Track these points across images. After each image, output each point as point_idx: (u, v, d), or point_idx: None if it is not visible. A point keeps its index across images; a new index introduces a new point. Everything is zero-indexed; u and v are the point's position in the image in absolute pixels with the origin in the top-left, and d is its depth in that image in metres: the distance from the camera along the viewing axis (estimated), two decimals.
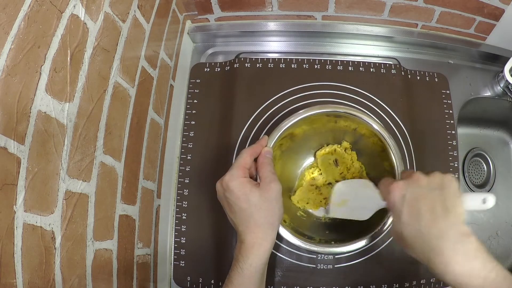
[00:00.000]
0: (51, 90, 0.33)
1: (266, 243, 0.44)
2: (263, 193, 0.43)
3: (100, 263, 0.41)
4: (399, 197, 0.41)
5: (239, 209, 0.44)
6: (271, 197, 0.44)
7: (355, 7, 0.66)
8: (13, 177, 0.29)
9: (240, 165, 0.45)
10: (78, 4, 0.36)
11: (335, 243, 0.50)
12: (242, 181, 0.44)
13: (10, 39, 0.28)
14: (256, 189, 0.44)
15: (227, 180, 0.44)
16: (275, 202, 0.44)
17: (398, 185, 0.41)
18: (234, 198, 0.43)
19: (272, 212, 0.44)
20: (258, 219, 0.43)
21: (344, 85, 0.65)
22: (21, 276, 0.30)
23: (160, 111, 0.59)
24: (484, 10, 0.63)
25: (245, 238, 0.43)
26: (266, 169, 0.46)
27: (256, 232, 0.43)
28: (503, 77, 0.66)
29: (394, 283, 0.57)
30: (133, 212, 0.50)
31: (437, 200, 0.39)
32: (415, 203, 0.39)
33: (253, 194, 0.43)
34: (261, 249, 0.43)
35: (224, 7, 0.67)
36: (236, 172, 0.44)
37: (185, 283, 0.58)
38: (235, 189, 0.43)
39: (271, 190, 0.44)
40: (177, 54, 0.66)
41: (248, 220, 0.43)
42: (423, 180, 0.41)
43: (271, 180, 0.44)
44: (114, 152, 0.45)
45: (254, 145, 0.48)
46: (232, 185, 0.43)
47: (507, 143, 0.82)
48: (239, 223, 0.44)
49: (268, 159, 0.47)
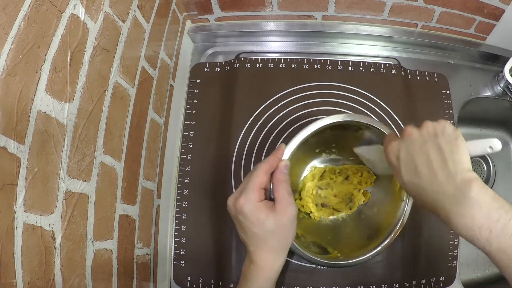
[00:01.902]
0: (51, 90, 0.33)
1: (276, 266, 0.43)
2: (278, 218, 0.41)
3: (100, 263, 0.41)
4: (395, 157, 0.39)
5: (251, 233, 0.41)
6: (287, 223, 0.41)
7: (355, 7, 0.66)
8: (13, 177, 0.29)
9: (256, 187, 0.41)
10: (78, 4, 0.36)
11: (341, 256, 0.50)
12: (258, 206, 0.41)
13: (10, 39, 0.28)
14: (271, 214, 0.41)
15: (242, 204, 0.40)
16: (290, 226, 0.42)
17: (392, 145, 0.40)
18: (247, 222, 0.41)
19: (287, 236, 0.42)
20: (271, 244, 0.42)
21: (344, 85, 0.65)
22: (21, 276, 0.30)
23: (160, 111, 0.59)
24: (484, 10, 0.63)
25: (256, 259, 0.42)
26: (282, 189, 0.42)
27: (268, 255, 0.42)
28: (503, 77, 0.66)
29: (394, 283, 0.57)
30: (133, 212, 0.50)
31: (432, 151, 0.37)
32: (410, 159, 0.38)
33: (269, 220, 0.40)
34: (272, 271, 0.43)
35: (224, 7, 0.67)
36: (251, 196, 0.41)
37: (185, 283, 0.58)
38: (249, 214, 0.40)
39: (288, 214, 0.41)
40: (177, 54, 0.66)
41: (261, 245, 0.42)
42: (415, 133, 0.39)
43: (288, 203, 0.41)
44: (114, 152, 0.45)
45: (270, 158, 0.44)
46: (246, 209, 0.40)
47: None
48: (249, 244, 0.42)
49: (285, 175, 0.43)
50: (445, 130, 0.38)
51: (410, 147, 0.38)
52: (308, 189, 0.58)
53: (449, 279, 0.59)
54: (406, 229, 0.58)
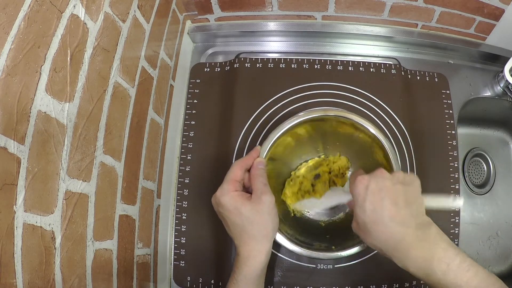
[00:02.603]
0: (51, 90, 0.33)
1: (260, 255, 0.44)
2: (254, 206, 0.44)
3: (100, 263, 0.41)
4: (363, 187, 0.41)
5: (232, 223, 0.45)
6: (263, 210, 0.44)
7: (355, 7, 0.66)
8: (13, 177, 0.29)
9: (231, 179, 0.46)
10: (78, 4, 0.36)
11: (335, 248, 0.50)
12: (233, 195, 0.44)
13: (10, 39, 0.28)
14: (247, 202, 0.44)
15: (219, 195, 0.45)
16: (267, 214, 0.44)
17: (363, 177, 0.42)
18: (226, 212, 0.44)
19: (265, 224, 0.44)
20: (251, 232, 0.44)
21: (344, 85, 0.65)
22: (21, 276, 0.30)
23: (160, 111, 0.59)
24: (484, 10, 0.63)
25: (240, 251, 0.45)
26: (258, 181, 0.46)
27: (250, 245, 0.44)
28: (503, 77, 0.66)
29: (394, 283, 0.57)
30: (133, 212, 0.50)
31: (399, 193, 0.39)
32: (378, 192, 0.40)
33: (245, 207, 0.44)
34: (256, 261, 0.44)
35: (224, 7, 0.67)
36: (226, 187, 0.45)
37: (185, 283, 0.58)
38: (226, 203, 0.44)
39: (263, 202, 0.44)
40: (177, 54, 0.66)
41: (242, 234, 0.44)
42: (387, 174, 0.41)
43: (262, 192, 0.45)
44: (114, 152, 0.45)
45: (245, 157, 0.49)
46: (224, 200, 0.44)
47: (507, 143, 0.82)
48: (234, 237, 0.46)
49: (260, 170, 0.47)
50: (414, 182, 0.41)
51: (380, 182, 0.40)
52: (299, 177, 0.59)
53: None
54: None
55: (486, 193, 0.77)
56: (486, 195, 0.77)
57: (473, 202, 0.76)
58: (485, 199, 0.77)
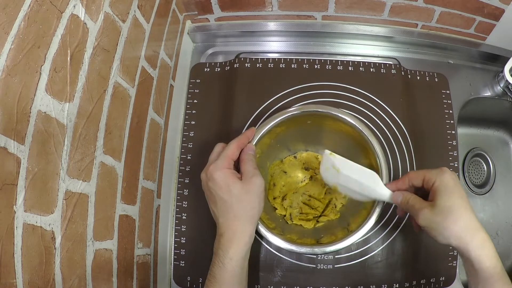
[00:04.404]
0: (51, 90, 0.33)
1: (245, 237, 0.44)
2: (244, 186, 0.44)
3: (100, 263, 0.41)
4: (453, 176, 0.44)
5: (220, 200, 0.44)
6: (253, 191, 0.44)
7: (355, 7, 0.66)
8: (13, 177, 0.29)
9: (227, 156, 0.46)
10: (78, 4, 0.36)
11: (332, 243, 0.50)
12: (226, 172, 0.45)
13: (10, 39, 0.28)
14: (238, 181, 0.44)
15: (212, 170, 0.45)
16: (256, 196, 0.45)
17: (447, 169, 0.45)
18: (216, 188, 0.44)
19: (253, 205, 0.45)
20: (237, 211, 0.44)
21: (344, 85, 0.65)
22: (21, 276, 0.30)
23: (160, 111, 0.59)
24: (484, 10, 0.63)
25: (225, 231, 0.44)
26: (248, 165, 0.47)
27: (235, 225, 0.44)
28: (503, 77, 0.66)
29: (394, 283, 0.57)
30: (133, 212, 0.50)
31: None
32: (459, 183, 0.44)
33: (235, 185, 0.44)
34: (240, 242, 0.44)
35: (224, 7, 0.67)
36: (221, 163, 0.45)
37: (185, 283, 0.58)
38: (218, 178, 0.44)
39: (253, 183, 0.44)
40: (177, 54, 0.66)
41: (228, 212, 0.44)
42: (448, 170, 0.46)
43: (253, 174, 0.45)
44: (114, 152, 0.45)
45: (241, 136, 0.49)
46: (216, 175, 0.44)
47: (507, 143, 0.82)
48: (219, 214, 0.45)
49: (250, 155, 0.48)
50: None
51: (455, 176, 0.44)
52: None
53: (449, 279, 0.59)
54: (406, 229, 0.59)
55: (486, 193, 0.77)
56: (486, 195, 0.77)
57: (473, 202, 0.76)
58: (485, 199, 0.77)
